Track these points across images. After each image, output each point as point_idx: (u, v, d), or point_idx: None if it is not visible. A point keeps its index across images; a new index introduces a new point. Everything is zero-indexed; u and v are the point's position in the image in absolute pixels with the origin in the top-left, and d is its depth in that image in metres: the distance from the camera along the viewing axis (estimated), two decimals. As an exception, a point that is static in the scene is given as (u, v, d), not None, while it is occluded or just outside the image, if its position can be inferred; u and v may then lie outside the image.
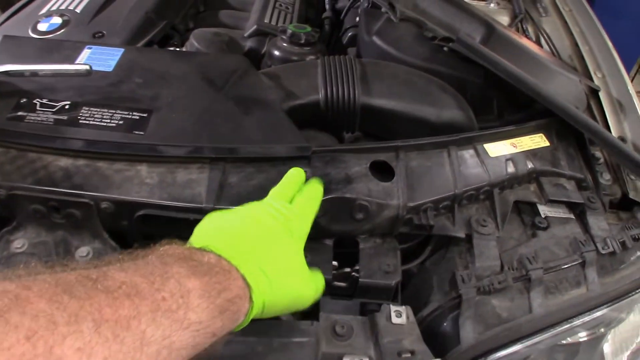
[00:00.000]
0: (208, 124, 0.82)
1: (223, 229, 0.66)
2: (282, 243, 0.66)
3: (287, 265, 0.65)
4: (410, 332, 0.74)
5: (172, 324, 0.48)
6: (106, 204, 0.76)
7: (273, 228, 0.67)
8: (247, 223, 0.66)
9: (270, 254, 0.64)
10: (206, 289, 0.53)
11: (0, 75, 0.86)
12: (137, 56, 0.92)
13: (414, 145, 0.85)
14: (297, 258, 0.68)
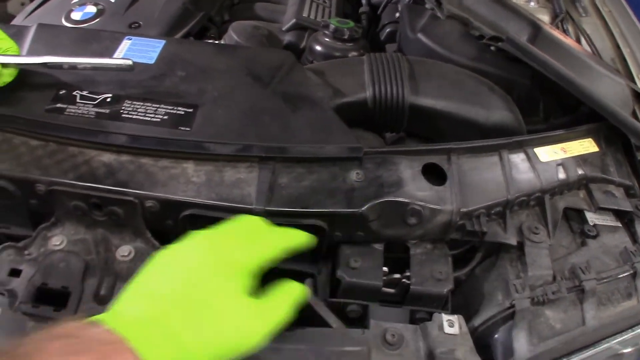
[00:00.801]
0: (256, 121, 0.79)
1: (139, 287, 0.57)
2: (207, 289, 0.56)
3: (211, 315, 0.55)
4: (463, 342, 0.72)
5: None
6: (151, 202, 0.73)
7: (197, 273, 0.57)
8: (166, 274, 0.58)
9: (190, 307, 0.55)
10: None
11: (37, 67, 0.83)
12: (179, 49, 0.89)
13: (466, 148, 0.82)
14: (228, 302, 0.57)
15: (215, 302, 0.56)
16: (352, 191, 0.75)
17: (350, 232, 0.76)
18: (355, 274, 0.76)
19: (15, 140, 0.78)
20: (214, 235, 0.62)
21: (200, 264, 0.58)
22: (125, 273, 0.74)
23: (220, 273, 0.58)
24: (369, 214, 0.74)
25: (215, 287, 0.57)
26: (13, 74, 0.82)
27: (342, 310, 0.77)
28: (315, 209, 0.73)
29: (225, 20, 1.27)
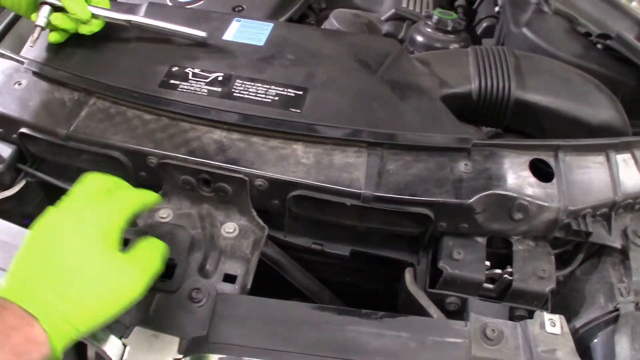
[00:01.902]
0: (364, 107, 0.79)
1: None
2: (72, 248, 0.58)
3: (84, 271, 0.57)
4: (565, 343, 0.70)
5: None
6: (260, 181, 0.74)
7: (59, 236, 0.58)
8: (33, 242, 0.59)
9: (63, 268, 0.56)
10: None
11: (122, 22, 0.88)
12: (288, 32, 0.90)
13: (573, 145, 0.80)
14: (96, 261, 0.58)
15: (82, 264, 0.57)
16: (460, 182, 0.74)
17: (455, 223, 0.75)
18: (458, 266, 0.75)
19: (129, 113, 0.81)
20: (70, 204, 0.63)
21: (60, 232, 0.59)
22: (229, 249, 0.75)
23: (81, 237, 0.58)
24: (476, 206, 0.74)
25: (79, 250, 0.58)
26: (100, 25, 0.88)
27: (440, 302, 0.77)
28: (423, 197, 0.73)
29: (322, 8, 1.27)
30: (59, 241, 0.58)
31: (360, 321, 0.69)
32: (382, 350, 0.67)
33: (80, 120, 0.80)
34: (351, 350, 0.67)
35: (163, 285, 0.71)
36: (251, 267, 0.74)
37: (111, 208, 0.62)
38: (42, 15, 0.83)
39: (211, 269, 0.73)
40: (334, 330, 0.68)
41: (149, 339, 0.68)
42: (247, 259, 0.75)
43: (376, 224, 0.77)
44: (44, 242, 0.59)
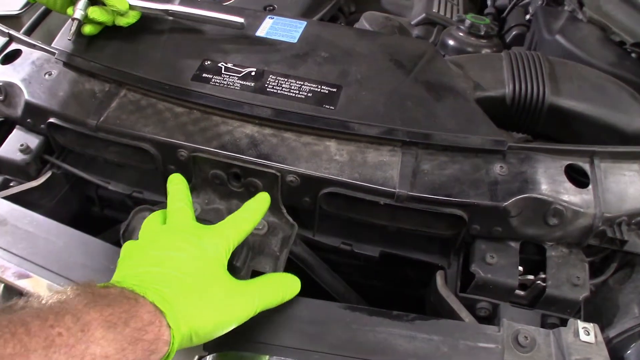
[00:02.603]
0: (399, 106, 0.78)
1: (135, 262, 0.61)
2: (197, 269, 0.61)
3: (203, 291, 0.59)
4: (599, 352, 0.68)
5: (69, 359, 0.44)
6: (293, 177, 0.73)
7: (188, 254, 0.62)
8: (161, 254, 0.61)
9: (181, 282, 0.59)
10: (110, 319, 0.48)
11: (161, 13, 0.87)
12: (321, 30, 0.89)
13: (609, 152, 0.79)
14: (218, 281, 0.62)
15: (210, 279, 0.61)
16: (496, 184, 0.73)
17: (489, 226, 0.74)
18: (490, 270, 0.74)
19: (160, 106, 0.80)
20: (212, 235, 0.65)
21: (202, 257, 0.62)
22: (258, 246, 0.74)
23: (215, 264, 0.63)
24: (511, 209, 0.72)
25: (212, 276, 0.62)
26: (137, 16, 0.87)
27: (470, 307, 0.75)
28: (458, 198, 0.71)
29: (352, 11, 1.27)
30: (189, 257, 0.61)
31: (392, 323, 0.68)
32: (414, 353, 0.65)
33: (111, 111, 0.79)
34: (382, 351, 0.65)
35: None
36: (280, 264, 0.72)
37: (229, 236, 0.66)
38: (79, 9, 0.82)
39: (239, 265, 0.72)
40: (365, 331, 0.67)
41: (174, 335, 0.67)
42: (276, 256, 0.73)
43: (408, 225, 0.76)
44: (176, 248, 0.62)
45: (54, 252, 0.73)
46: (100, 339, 0.47)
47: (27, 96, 0.83)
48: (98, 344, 0.47)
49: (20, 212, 0.78)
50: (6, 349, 0.42)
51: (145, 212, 0.78)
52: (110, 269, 0.72)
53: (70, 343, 0.45)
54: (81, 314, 0.47)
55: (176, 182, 0.74)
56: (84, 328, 0.47)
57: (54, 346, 0.44)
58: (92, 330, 0.47)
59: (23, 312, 0.46)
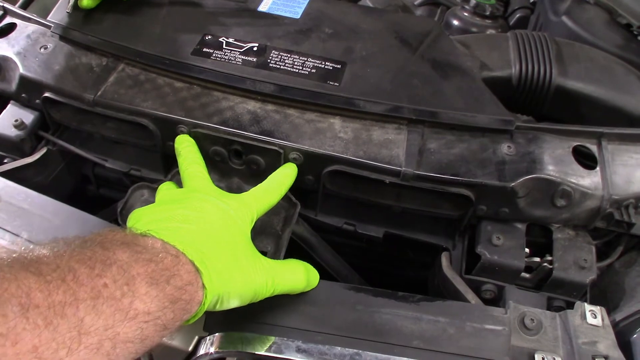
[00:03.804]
0: (405, 83, 0.76)
1: (165, 216, 0.59)
2: (226, 234, 0.60)
3: (232, 257, 0.58)
4: (606, 335, 0.67)
5: (115, 313, 0.43)
6: (296, 154, 0.71)
7: (217, 217, 0.60)
8: (190, 213, 0.60)
9: (215, 244, 0.57)
10: (154, 276, 0.47)
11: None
12: (325, 6, 0.87)
13: (617, 134, 0.77)
14: (243, 251, 0.61)
15: (241, 255, 0.60)
16: (503, 164, 0.72)
17: (495, 207, 0.73)
18: (497, 252, 0.72)
19: (159, 81, 0.78)
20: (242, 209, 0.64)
21: (232, 227, 0.61)
22: (259, 225, 0.72)
23: (240, 233, 0.62)
24: (518, 189, 0.71)
25: (240, 244, 0.61)
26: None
27: (475, 289, 0.74)
28: (465, 177, 0.70)
29: (353, -10, 1.25)
30: (225, 225, 0.60)
31: (397, 304, 0.66)
32: (420, 335, 0.64)
33: (108, 85, 0.77)
34: (387, 333, 0.64)
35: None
36: (282, 244, 0.71)
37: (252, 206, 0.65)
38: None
39: (240, 245, 0.70)
40: (370, 312, 0.65)
41: (173, 315, 0.65)
42: (278, 236, 0.72)
43: (413, 205, 0.74)
44: (215, 219, 0.60)
45: (50, 230, 0.71)
46: (144, 295, 0.46)
47: (22, 70, 0.81)
48: (142, 299, 0.46)
49: (14, 188, 0.75)
50: (57, 296, 0.40)
51: (144, 190, 0.76)
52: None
53: (116, 296, 0.44)
54: (127, 267, 0.46)
55: (186, 143, 0.72)
56: (129, 282, 0.46)
57: (101, 297, 0.43)
58: (136, 285, 0.46)
59: (68, 255, 0.45)
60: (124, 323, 0.44)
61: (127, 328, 0.44)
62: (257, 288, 0.60)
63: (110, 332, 0.43)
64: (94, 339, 0.42)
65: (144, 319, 0.46)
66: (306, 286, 0.65)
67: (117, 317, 0.44)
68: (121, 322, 0.44)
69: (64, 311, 0.40)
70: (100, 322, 0.42)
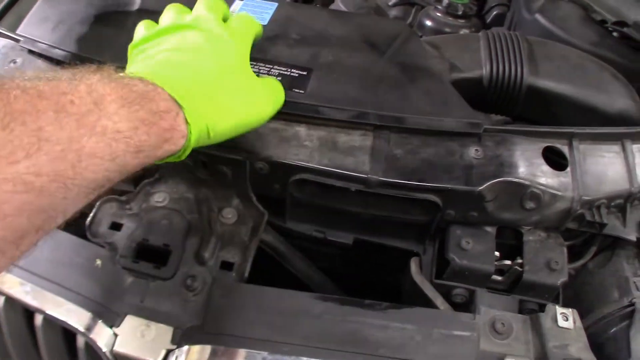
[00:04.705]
0: (371, 89, 0.75)
1: (147, 55, 0.61)
2: (215, 60, 0.61)
3: (226, 82, 0.60)
4: (577, 338, 0.67)
5: (80, 127, 0.43)
6: (261, 164, 0.71)
7: (203, 47, 0.61)
8: (174, 46, 0.61)
9: (205, 74, 0.58)
10: (125, 96, 0.47)
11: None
12: (292, 12, 0.86)
13: (588, 133, 0.77)
14: (238, 73, 0.62)
15: (228, 76, 0.61)
16: (470, 168, 0.71)
17: (464, 211, 0.72)
18: (467, 256, 0.72)
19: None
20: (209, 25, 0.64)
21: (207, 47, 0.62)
22: (227, 235, 0.73)
23: (222, 52, 0.62)
24: (486, 193, 0.70)
25: (224, 64, 0.61)
26: None
27: (446, 294, 0.74)
28: (431, 183, 0.70)
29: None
30: (206, 52, 0.61)
31: (364, 312, 0.66)
32: (387, 343, 0.64)
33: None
34: (354, 342, 0.64)
35: (157, 272, 0.68)
36: (249, 254, 0.71)
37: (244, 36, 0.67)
38: None
39: (208, 256, 0.70)
40: (336, 321, 0.65)
41: (141, 329, 0.65)
42: (246, 246, 0.72)
43: (381, 212, 0.74)
44: (193, 48, 0.61)
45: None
46: (113, 114, 0.45)
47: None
48: (110, 118, 0.45)
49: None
50: (16, 105, 0.40)
51: (113, 203, 0.76)
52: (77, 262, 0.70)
53: (82, 112, 0.43)
54: (96, 86, 0.46)
55: None
56: (97, 100, 0.45)
57: (65, 112, 0.42)
58: (105, 104, 0.45)
59: (34, 79, 0.44)
60: (91, 138, 0.43)
61: (93, 143, 0.43)
62: (258, 112, 0.63)
63: (75, 145, 0.42)
64: (56, 148, 0.41)
65: (113, 136, 0.45)
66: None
67: (82, 131, 0.43)
68: (87, 137, 0.43)
69: (23, 119, 0.40)
70: (63, 133, 0.41)
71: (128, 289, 0.68)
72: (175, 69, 0.57)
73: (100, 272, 0.70)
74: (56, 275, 0.68)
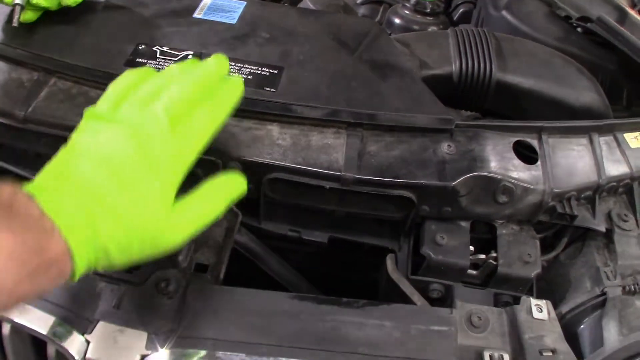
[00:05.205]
0: (343, 86, 0.75)
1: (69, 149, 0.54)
2: (135, 176, 0.52)
3: (137, 205, 0.51)
4: (552, 329, 0.68)
5: None
6: (234, 164, 0.70)
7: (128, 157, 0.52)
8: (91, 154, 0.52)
9: (120, 193, 0.50)
10: (21, 249, 0.44)
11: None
12: (261, 10, 0.86)
13: (557, 127, 0.78)
14: (154, 195, 0.53)
15: (142, 202, 0.52)
16: (443, 164, 0.71)
17: (438, 206, 0.72)
18: (442, 252, 0.72)
19: (92, 94, 0.76)
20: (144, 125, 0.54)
21: (128, 156, 0.52)
22: (200, 237, 0.71)
23: (148, 169, 0.53)
24: (460, 188, 0.71)
25: (142, 185, 0.52)
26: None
27: (423, 289, 0.74)
28: (405, 179, 0.70)
29: (296, -9, 1.24)
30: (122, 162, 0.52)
31: (341, 310, 0.66)
32: (365, 341, 0.64)
33: (40, 101, 0.74)
34: (332, 341, 0.63)
35: (129, 277, 0.67)
36: (224, 256, 0.69)
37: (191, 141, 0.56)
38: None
39: (181, 259, 0.69)
40: (313, 321, 0.65)
41: (114, 335, 0.63)
42: (220, 247, 0.70)
43: (356, 209, 0.74)
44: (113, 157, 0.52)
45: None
46: (1, 270, 0.43)
47: (-50, 88, 0.78)
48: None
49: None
50: None
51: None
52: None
53: None
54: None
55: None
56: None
57: None
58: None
59: None
60: None
61: None
62: (166, 244, 0.54)
63: None
64: None
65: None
66: (227, 203, 0.59)
67: None
68: None
69: None
70: None
71: (100, 295, 0.66)
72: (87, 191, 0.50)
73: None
74: (24, 283, 0.66)
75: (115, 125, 0.54)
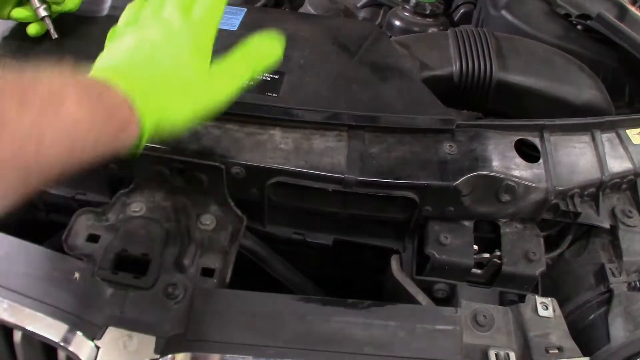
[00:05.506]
0: (344, 90, 0.76)
1: (111, 47, 0.62)
2: (169, 54, 0.60)
3: (180, 74, 0.59)
4: (558, 326, 0.68)
5: (41, 116, 0.43)
6: (237, 169, 0.71)
7: (158, 41, 0.60)
8: (132, 42, 0.61)
9: (158, 68, 0.58)
10: (83, 90, 0.49)
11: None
12: (262, 16, 0.86)
13: (558, 125, 0.78)
14: (194, 65, 0.60)
15: (179, 70, 0.59)
16: (445, 164, 0.72)
17: (441, 206, 0.73)
18: (446, 251, 0.73)
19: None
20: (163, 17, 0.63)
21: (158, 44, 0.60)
22: (206, 242, 0.72)
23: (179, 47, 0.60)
24: (462, 188, 0.71)
25: (188, 62, 0.60)
26: (77, 3, 0.83)
27: (427, 289, 0.74)
28: (407, 180, 0.70)
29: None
30: (161, 46, 0.60)
31: (347, 311, 0.66)
32: (371, 341, 0.64)
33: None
34: (338, 341, 0.64)
35: (137, 282, 0.68)
36: (230, 260, 0.70)
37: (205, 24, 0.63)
38: (40, 7, 0.78)
39: (188, 263, 0.69)
40: (319, 322, 0.65)
41: (123, 340, 0.64)
42: (225, 252, 0.71)
43: (359, 211, 0.74)
44: (149, 42, 0.60)
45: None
46: (72, 105, 0.46)
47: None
48: (69, 108, 0.46)
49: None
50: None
51: (89, 214, 0.75)
52: (55, 276, 0.69)
53: (43, 102, 0.44)
54: (56, 80, 0.47)
55: None
56: (57, 92, 0.46)
57: (26, 101, 0.43)
58: (65, 96, 0.46)
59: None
60: (51, 126, 0.44)
61: (53, 131, 0.44)
62: (215, 98, 0.61)
63: (35, 132, 0.43)
64: (17, 134, 0.42)
65: (72, 125, 0.46)
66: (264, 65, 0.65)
67: (43, 120, 0.44)
68: (47, 125, 0.44)
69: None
70: (24, 121, 0.42)
71: (108, 301, 0.67)
72: (131, 64, 0.58)
73: (78, 285, 0.69)
74: (34, 291, 0.67)
75: (138, 29, 0.62)
